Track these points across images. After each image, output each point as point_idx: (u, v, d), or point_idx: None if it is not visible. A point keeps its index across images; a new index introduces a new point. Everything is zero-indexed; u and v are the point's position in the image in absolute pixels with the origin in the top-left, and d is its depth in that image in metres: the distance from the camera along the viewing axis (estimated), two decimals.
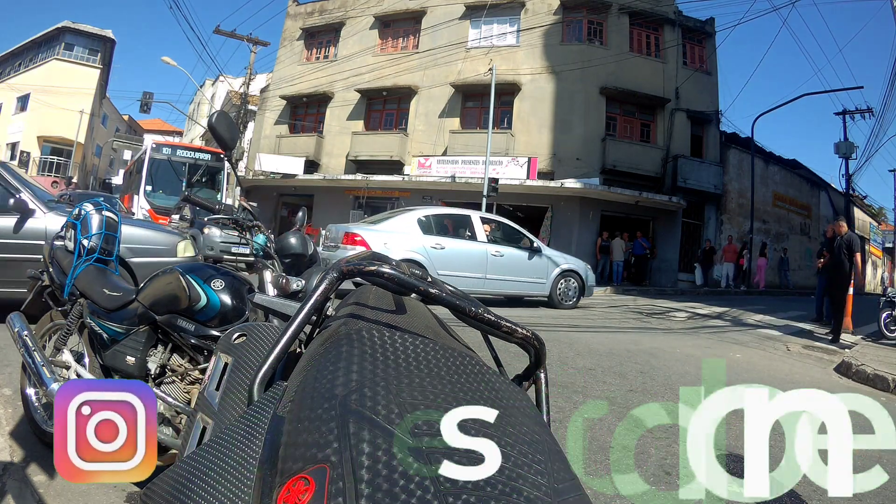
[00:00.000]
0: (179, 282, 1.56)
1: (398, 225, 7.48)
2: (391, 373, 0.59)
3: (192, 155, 14.57)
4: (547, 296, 8.17)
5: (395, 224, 7.50)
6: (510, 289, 8.01)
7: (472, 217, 8.02)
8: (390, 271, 0.74)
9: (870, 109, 19.47)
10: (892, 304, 7.36)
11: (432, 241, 7.41)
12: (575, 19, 18.07)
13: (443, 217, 8.02)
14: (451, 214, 8.26)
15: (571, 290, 8.33)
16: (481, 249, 7.67)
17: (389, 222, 7.56)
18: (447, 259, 7.38)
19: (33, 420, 2.08)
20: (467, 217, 8.05)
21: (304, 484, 0.47)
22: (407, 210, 8.12)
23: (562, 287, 8.25)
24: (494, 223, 8.43)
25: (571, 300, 8.33)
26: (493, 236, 8.06)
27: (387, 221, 7.61)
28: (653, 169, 17.05)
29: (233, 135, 1.73)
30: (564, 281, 8.26)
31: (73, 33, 27.99)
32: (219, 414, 0.87)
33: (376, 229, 7.37)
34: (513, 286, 7.98)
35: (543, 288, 8.11)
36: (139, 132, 38.15)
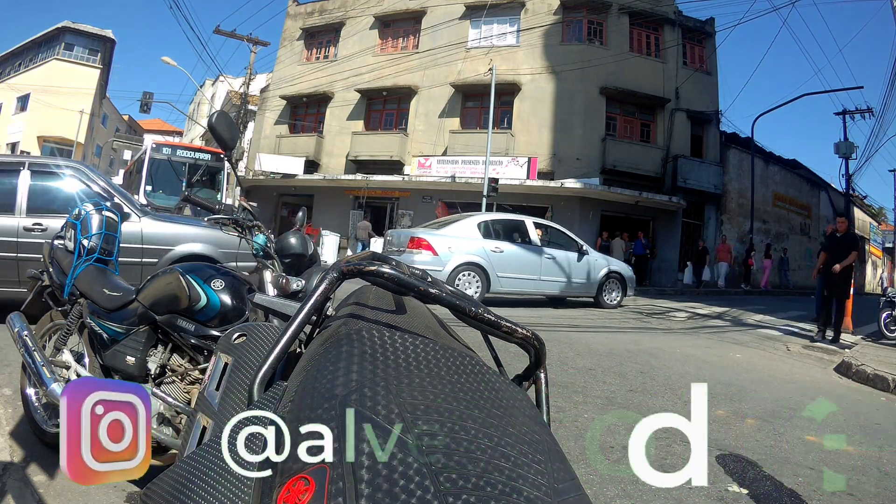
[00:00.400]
0: (179, 282, 1.56)
1: (460, 230, 7.80)
2: (391, 373, 0.59)
3: (192, 155, 14.57)
4: (594, 296, 8.66)
5: (456, 229, 7.81)
6: (561, 289, 8.42)
7: (525, 222, 8.41)
8: (390, 271, 0.74)
9: (870, 109, 19.49)
10: (892, 304, 7.36)
11: (492, 244, 7.75)
12: (575, 19, 18.07)
13: (500, 222, 8.36)
14: (506, 220, 8.61)
15: (615, 291, 8.84)
16: (536, 252, 8.08)
17: (451, 227, 7.89)
18: (505, 262, 7.76)
19: (33, 420, 2.08)
20: (521, 222, 8.43)
21: (304, 484, 0.47)
22: (467, 216, 8.42)
23: (607, 287, 8.74)
24: (546, 227, 8.75)
25: (615, 300, 8.81)
26: (544, 240, 8.41)
27: (449, 226, 7.93)
28: (653, 169, 17.05)
29: (233, 135, 1.73)
30: (609, 282, 8.73)
31: (73, 33, 28.00)
32: (219, 414, 0.87)
33: (440, 234, 7.68)
34: (564, 287, 8.40)
35: (591, 289, 8.59)
36: (139, 132, 38.14)
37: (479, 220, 8.03)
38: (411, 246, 7.46)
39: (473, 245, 7.63)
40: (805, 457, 2.75)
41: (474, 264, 7.51)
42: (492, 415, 0.59)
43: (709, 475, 2.16)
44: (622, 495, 2.11)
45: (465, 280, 7.54)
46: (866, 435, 3.27)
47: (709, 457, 2.69)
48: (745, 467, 2.50)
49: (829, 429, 3.32)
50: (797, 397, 4.04)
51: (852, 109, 19.84)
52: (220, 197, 14.42)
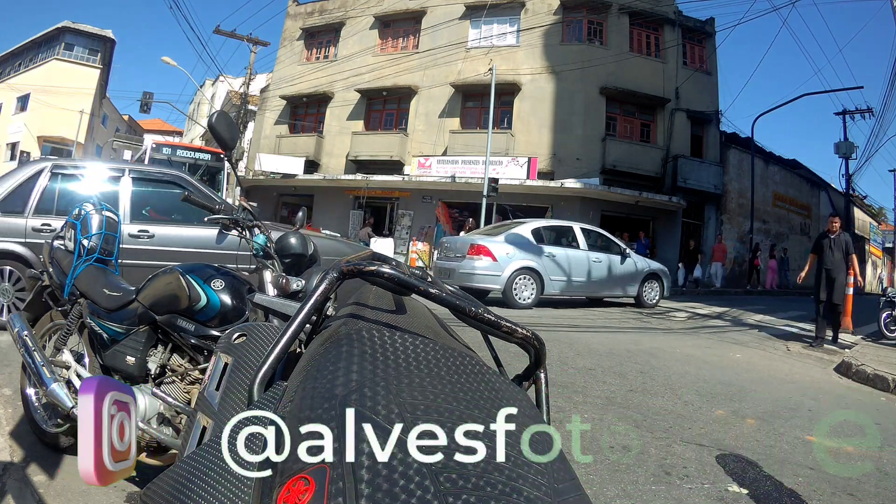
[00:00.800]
0: (179, 282, 1.56)
1: (516, 236, 8.21)
2: (391, 373, 0.59)
3: (192, 155, 14.56)
4: (635, 297, 9.16)
5: (513, 235, 8.21)
6: (607, 290, 8.95)
7: (573, 227, 8.94)
8: (390, 271, 0.74)
9: (870, 109, 19.52)
10: (892, 304, 7.35)
11: (545, 249, 8.22)
12: (575, 19, 18.07)
13: (550, 228, 8.84)
14: (556, 226, 9.14)
15: (654, 291, 9.36)
16: (584, 256, 8.58)
17: (508, 233, 8.28)
18: (557, 265, 8.28)
19: (33, 420, 2.08)
20: (570, 227, 8.95)
21: (304, 484, 0.47)
22: (521, 222, 8.87)
23: (647, 288, 9.24)
24: (591, 232, 9.17)
25: (654, 300, 9.33)
26: (590, 244, 8.83)
27: (506, 233, 8.31)
28: (653, 169, 17.05)
29: (233, 135, 1.73)
30: (649, 283, 9.24)
31: (73, 33, 27.99)
32: (219, 414, 0.87)
33: (498, 240, 8.05)
34: (609, 288, 8.93)
35: (633, 290, 9.09)
36: (139, 132, 38.12)
37: (533, 227, 8.45)
38: (471, 252, 7.84)
39: (529, 250, 8.06)
40: (805, 457, 2.75)
41: (530, 268, 7.92)
42: (492, 415, 0.59)
43: (709, 475, 2.18)
44: (622, 495, 2.10)
45: (521, 283, 7.89)
46: (866, 435, 3.27)
47: (709, 457, 2.70)
48: (745, 467, 2.50)
49: (829, 429, 3.32)
50: (797, 397, 4.04)
51: (852, 109, 19.90)
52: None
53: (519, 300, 7.80)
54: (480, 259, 7.78)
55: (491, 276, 7.77)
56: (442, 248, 8.76)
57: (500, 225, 9.44)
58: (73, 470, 1.92)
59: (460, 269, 7.90)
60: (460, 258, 7.94)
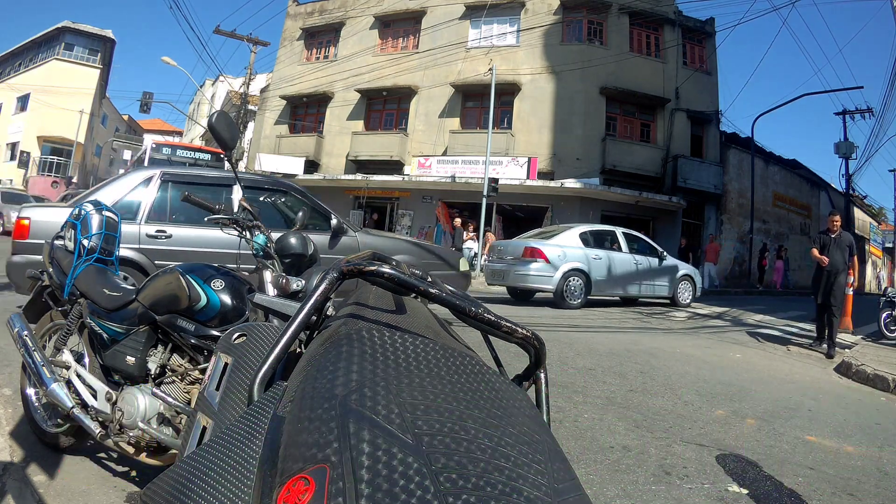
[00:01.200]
0: (179, 282, 1.56)
1: (565, 240, 8.76)
2: (391, 373, 0.59)
3: (192, 155, 14.56)
4: (671, 297, 9.73)
5: (562, 239, 8.76)
6: (647, 291, 9.49)
7: (616, 232, 9.46)
8: (390, 271, 0.74)
9: (870, 109, 19.52)
10: (892, 304, 7.36)
11: (592, 252, 8.77)
12: (575, 19, 18.07)
13: (596, 232, 9.33)
14: (601, 230, 9.58)
15: (688, 292, 10.00)
16: (627, 258, 9.17)
17: (558, 238, 8.81)
18: (603, 267, 8.81)
19: (33, 420, 2.08)
20: (613, 232, 9.48)
21: (304, 484, 0.47)
22: (570, 227, 9.32)
23: (681, 289, 9.85)
24: (632, 236, 9.73)
25: (688, 299, 9.98)
26: (632, 247, 9.41)
27: (556, 237, 8.86)
28: (653, 169, 17.05)
29: (233, 135, 1.72)
30: (682, 283, 9.86)
31: (73, 33, 27.99)
32: (219, 414, 0.87)
33: (550, 244, 8.56)
34: (648, 289, 9.48)
35: (668, 290, 9.68)
36: (139, 132, 38.15)
37: (581, 231, 9.00)
38: (526, 255, 8.34)
39: (578, 253, 8.59)
40: (805, 457, 2.75)
41: (579, 270, 8.46)
42: (492, 415, 0.59)
43: (709, 475, 2.18)
44: (622, 495, 2.10)
45: (571, 284, 8.39)
46: (866, 435, 3.27)
47: (709, 457, 2.70)
48: (745, 467, 2.50)
49: (829, 429, 3.32)
50: (797, 397, 4.04)
51: (852, 109, 19.89)
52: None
53: (570, 300, 8.29)
54: (536, 261, 8.25)
55: (544, 278, 8.21)
56: (494, 251, 9.16)
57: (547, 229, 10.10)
58: (72, 470, 1.92)
59: (515, 271, 8.32)
60: (515, 261, 8.41)
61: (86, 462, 1.98)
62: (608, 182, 16.19)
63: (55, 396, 1.73)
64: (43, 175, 25.63)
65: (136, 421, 1.51)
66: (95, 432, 1.64)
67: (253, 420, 0.66)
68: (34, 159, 26.58)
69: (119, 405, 1.59)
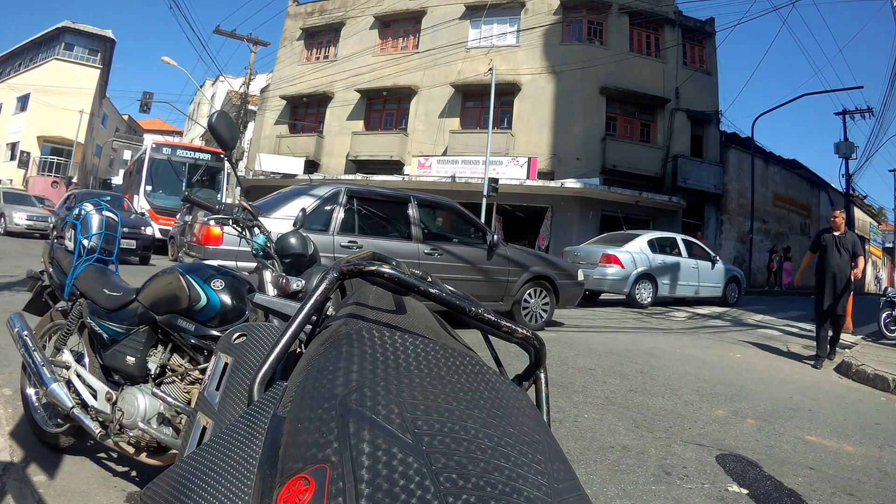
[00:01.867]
0: (179, 282, 1.56)
1: (636, 246, 9.64)
2: (391, 373, 0.59)
3: (192, 155, 14.58)
4: (721, 296, 10.74)
5: (634, 246, 9.64)
6: (703, 292, 10.47)
7: (676, 238, 10.55)
8: (390, 271, 0.74)
9: (870, 109, 19.51)
10: (892, 304, 7.35)
11: (658, 258, 9.71)
12: (575, 19, 18.07)
13: (660, 239, 10.27)
14: (664, 237, 10.51)
15: (734, 292, 11.05)
16: (687, 262, 10.16)
17: (630, 245, 9.65)
18: (667, 271, 9.76)
19: (33, 420, 2.08)
20: (674, 238, 10.54)
21: (305, 484, 0.47)
22: (639, 234, 10.26)
23: (730, 289, 10.87)
24: (689, 242, 10.73)
25: (734, 298, 11.00)
26: (689, 252, 10.40)
27: (628, 244, 9.68)
28: (653, 169, 17.05)
29: (233, 135, 1.72)
30: (731, 285, 10.92)
31: (73, 33, 27.98)
32: (219, 414, 0.87)
33: (623, 251, 9.42)
34: (704, 290, 10.47)
35: (720, 291, 10.71)
36: (139, 132, 38.15)
37: (648, 238, 9.95)
38: (603, 261, 9.26)
39: (646, 258, 9.52)
40: (805, 457, 2.75)
41: (647, 274, 9.41)
42: (492, 415, 0.59)
43: (709, 475, 2.18)
44: (622, 495, 2.10)
45: (641, 286, 9.34)
46: (866, 435, 3.27)
47: (709, 457, 2.69)
48: (745, 467, 2.50)
49: (829, 429, 3.32)
50: (797, 397, 4.04)
51: (852, 109, 19.86)
52: (220, 197, 14.42)
53: (640, 300, 9.25)
54: (611, 266, 9.16)
55: (620, 281, 9.17)
56: (570, 256, 9.80)
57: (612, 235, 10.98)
58: (72, 470, 1.92)
59: (594, 275, 9.03)
60: (593, 265, 9.19)
61: (86, 462, 1.98)
62: (608, 182, 16.19)
63: (55, 396, 1.73)
64: (43, 175, 25.64)
65: (136, 421, 1.51)
66: (95, 432, 1.64)
67: (253, 420, 0.66)
68: (34, 159, 26.58)
69: (119, 405, 1.59)
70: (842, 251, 5.54)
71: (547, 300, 5.95)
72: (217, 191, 14.69)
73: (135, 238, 9.43)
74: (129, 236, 9.12)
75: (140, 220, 10.47)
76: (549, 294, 5.94)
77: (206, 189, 14.42)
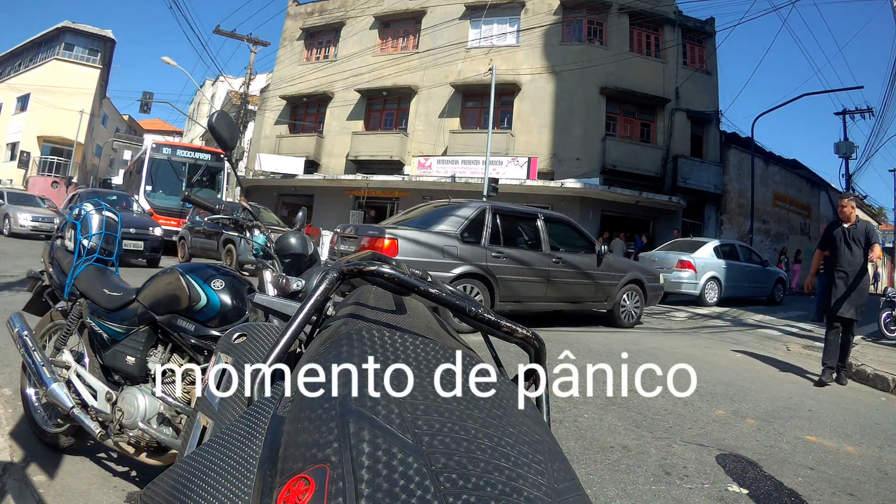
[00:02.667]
0: (179, 282, 1.56)
1: (705, 252, 10.87)
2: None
3: (192, 155, 14.58)
4: (769, 295, 12.22)
5: (703, 252, 10.86)
6: (757, 292, 11.97)
7: (735, 245, 11.96)
8: (390, 271, 0.74)
9: (870, 109, 19.51)
10: (892, 304, 7.35)
11: (722, 263, 10.96)
12: (575, 19, 18.07)
13: (724, 245, 11.55)
14: (726, 244, 11.77)
15: (780, 291, 12.62)
16: (745, 266, 11.52)
17: (700, 251, 10.84)
18: (729, 274, 10.95)
19: (33, 420, 2.08)
20: (734, 244, 11.96)
21: (305, 484, 0.47)
22: (705, 241, 11.62)
23: (777, 289, 12.47)
24: (746, 248, 12.17)
25: (780, 297, 12.58)
26: (745, 257, 11.74)
27: (698, 250, 10.85)
28: (653, 169, 17.05)
29: (233, 135, 1.72)
30: (777, 285, 12.50)
31: (73, 33, 27.98)
32: (219, 414, 0.87)
33: (696, 257, 10.56)
34: (758, 290, 11.98)
35: (768, 290, 12.23)
36: (139, 132, 38.15)
37: (715, 245, 11.22)
38: (679, 266, 10.40)
39: (713, 263, 10.75)
40: (805, 457, 2.75)
41: (715, 277, 10.65)
42: (492, 415, 0.59)
43: (709, 475, 2.17)
44: (622, 495, 2.10)
45: (709, 287, 10.54)
46: (866, 435, 3.27)
47: (709, 457, 2.69)
48: (745, 467, 2.50)
49: (829, 429, 3.32)
50: (797, 397, 4.04)
51: (852, 109, 19.87)
52: (220, 197, 14.43)
53: (708, 300, 10.48)
54: (686, 271, 10.37)
55: (692, 284, 10.41)
56: (647, 261, 10.72)
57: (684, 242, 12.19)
58: (73, 470, 1.92)
59: (671, 279, 10.08)
60: (670, 270, 10.26)
61: (86, 462, 1.98)
62: (608, 182, 16.19)
63: (55, 396, 1.73)
64: (43, 175, 25.63)
65: (136, 421, 1.51)
66: (95, 432, 1.64)
67: (253, 420, 0.66)
68: (34, 159, 26.58)
69: (119, 405, 1.59)
70: (853, 246, 4.78)
71: (638, 301, 6.82)
72: (217, 191, 14.70)
73: (143, 239, 8.85)
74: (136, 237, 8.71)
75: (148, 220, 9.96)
76: (639, 296, 6.82)
77: (206, 189, 14.42)
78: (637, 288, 6.74)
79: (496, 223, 5.67)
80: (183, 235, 10.91)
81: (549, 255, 5.90)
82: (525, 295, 5.81)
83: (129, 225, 8.65)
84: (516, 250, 5.76)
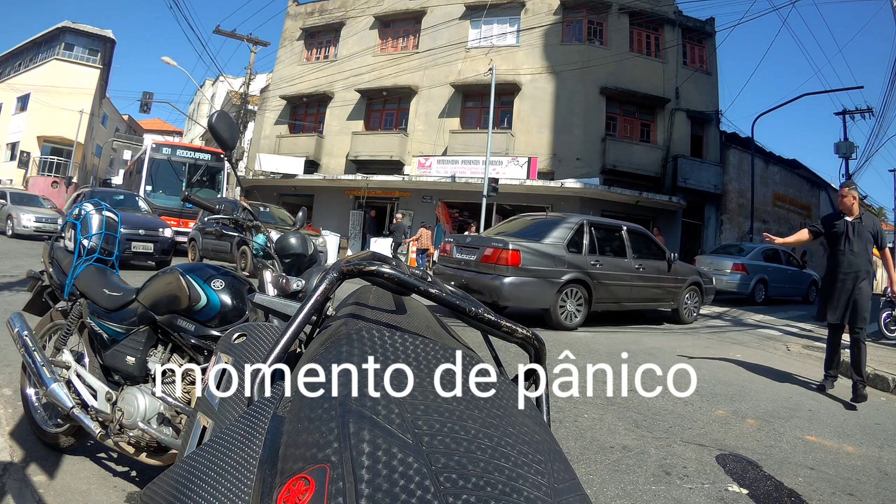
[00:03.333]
0: (179, 282, 1.56)
1: (753, 256, 12.07)
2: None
3: (192, 155, 14.58)
4: (805, 295, 13.37)
5: (752, 255, 12.08)
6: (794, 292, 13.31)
7: (778, 249, 12.74)
8: (390, 271, 0.74)
9: (870, 109, 19.48)
10: (892, 304, 7.35)
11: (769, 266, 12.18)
12: (575, 19, 18.06)
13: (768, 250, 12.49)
14: (770, 248, 12.61)
15: (814, 292, 13.37)
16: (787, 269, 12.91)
17: (749, 255, 12.10)
18: (775, 275, 12.28)
19: (33, 420, 2.08)
20: (777, 249, 12.73)
21: (305, 484, 0.47)
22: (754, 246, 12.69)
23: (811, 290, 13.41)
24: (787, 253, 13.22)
25: (814, 298, 13.18)
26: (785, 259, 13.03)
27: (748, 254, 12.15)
28: (653, 169, 17.04)
29: (233, 135, 1.72)
30: (811, 286, 13.44)
31: (73, 33, 27.97)
32: (219, 414, 0.87)
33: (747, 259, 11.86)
34: (795, 290, 13.31)
35: (804, 291, 13.41)
36: (139, 132, 38.15)
37: (761, 249, 12.35)
38: (734, 269, 11.59)
39: (762, 266, 12.02)
40: (805, 457, 2.75)
41: (762, 279, 11.94)
42: (492, 415, 0.59)
43: (709, 475, 2.17)
44: (622, 495, 2.10)
45: (758, 288, 11.83)
46: (866, 435, 3.27)
47: (709, 457, 2.69)
48: (745, 467, 2.50)
49: (829, 429, 3.32)
50: (797, 397, 4.04)
51: (852, 109, 19.84)
52: (221, 196, 14.43)
53: (757, 299, 11.70)
54: (739, 273, 11.59)
55: (745, 284, 11.59)
56: (703, 263, 11.73)
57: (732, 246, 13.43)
58: (72, 470, 1.92)
59: (725, 280, 11.35)
60: (726, 272, 11.51)
61: (86, 462, 1.98)
62: (608, 182, 16.19)
63: (55, 396, 1.73)
64: (43, 175, 25.63)
65: (136, 421, 1.51)
66: (95, 432, 1.64)
67: (253, 420, 0.66)
68: (34, 159, 26.58)
69: (119, 405, 1.59)
70: (857, 242, 4.12)
71: (697, 300, 7.90)
72: (217, 191, 14.70)
73: (152, 241, 8.37)
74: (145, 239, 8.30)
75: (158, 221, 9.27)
76: (698, 296, 7.87)
77: (206, 189, 14.43)
78: (696, 289, 7.80)
79: (592, 234, 6.51)
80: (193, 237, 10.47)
81: (632, 262, 6.79)
82: (616, 297, 6.68)
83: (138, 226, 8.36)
84: (608, 258, 6.62)
